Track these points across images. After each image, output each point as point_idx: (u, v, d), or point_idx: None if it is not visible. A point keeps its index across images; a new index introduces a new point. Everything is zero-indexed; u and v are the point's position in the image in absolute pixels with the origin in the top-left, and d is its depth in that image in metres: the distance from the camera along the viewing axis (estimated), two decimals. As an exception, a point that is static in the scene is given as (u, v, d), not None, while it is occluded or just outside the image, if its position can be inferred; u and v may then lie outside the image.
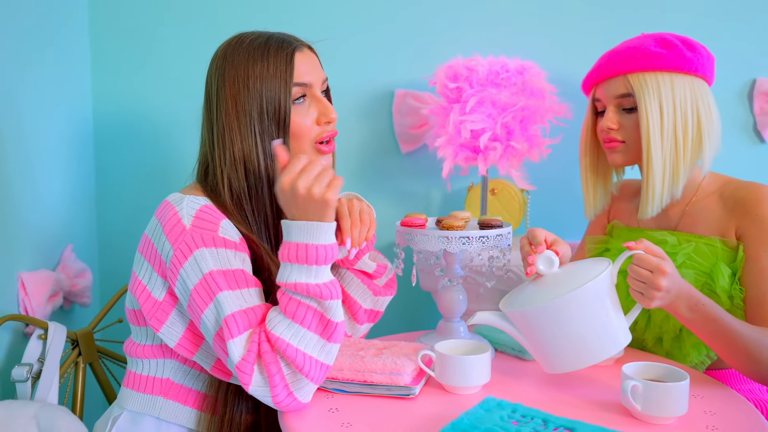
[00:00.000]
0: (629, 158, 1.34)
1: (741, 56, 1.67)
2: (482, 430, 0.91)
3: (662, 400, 0.98)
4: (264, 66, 1.09)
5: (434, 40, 1.70)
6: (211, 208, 1.08)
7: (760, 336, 1.13)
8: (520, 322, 1.10)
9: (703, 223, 1.31)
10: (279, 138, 1.10)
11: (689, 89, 1.28)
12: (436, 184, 1.75)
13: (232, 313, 1.00)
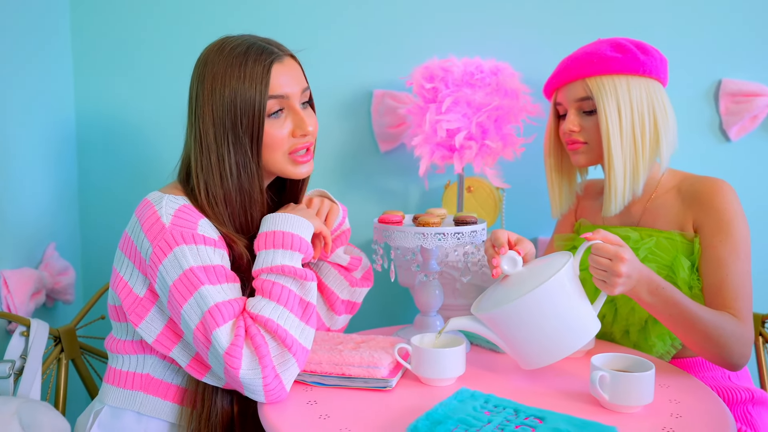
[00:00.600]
0: (591, 158, 1.37)
1: (707, 58, 1.69)
2: (456, 420, 0.93)
3: (629, 389, 1.00)
4: (240, 77, 1.08)
5: (411, 42, 1.71)
6: (189, 208, 1.08)
7: (718, 319, 1.15)
8: (492, 324, 1.11)
9: (663, 218, 1.34)
10: (254, 150, 1.11)
11: (645, 91, 1.31)
12: (414, 181, 1.76)
13: (216, 304, 1.01)
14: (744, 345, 1.17)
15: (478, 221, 1.27)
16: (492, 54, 1.63)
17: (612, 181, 1.32)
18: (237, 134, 1.09)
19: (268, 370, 1.00)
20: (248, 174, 1.11)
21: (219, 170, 1.10)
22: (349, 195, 1.77)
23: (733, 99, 1.69)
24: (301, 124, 1.13)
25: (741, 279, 1.22)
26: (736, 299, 1.21)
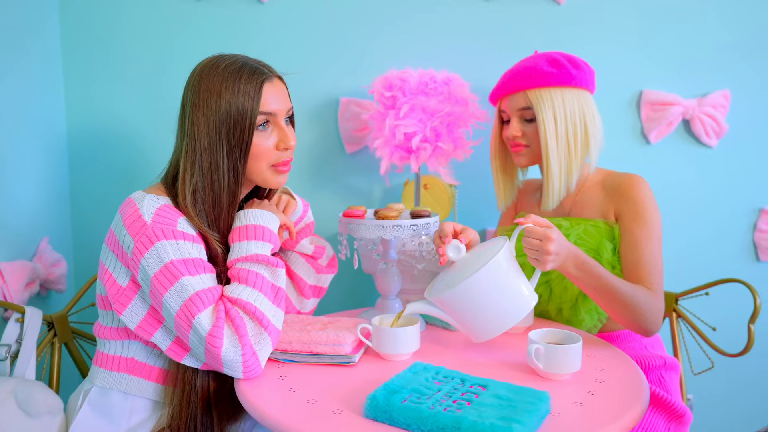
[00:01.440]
0: (531, 159, 1.39)
1: (631, 71, 1.72)
2: (410, 389, 0.94)
3: (560, 359, 1.03)
4: (235, 92, 1.08)
5: (373, 55, 1.71)
6: (170, 207, 1.08)
7: (634, 290, 1.19)
8: (443, 306, 1.12)
9: (590, 208, 1.37)
10: (242, 158, 1.11)
11: (576, 100, 1.34)
12: (377, 180, 1.76)
13: (196, 292, 1.01)
14: (656, 312, 1.21)
15: (431, 215, 1.28)
16: (444, 66, 1.64)
17: (550, 180, 1.35)
18: (229, 143, 1.09)
19: (247, 348, 1.00)
20: (236, 179, 1.11)
21: (210, 174, 1.10)
22: (318, 192, 1.77)
23: (653, 107, 1.72)
24: (285, 139, 1.14)
25: (654, 258, 1.26)
26: (650, 275, 1.25)
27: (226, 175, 1.10)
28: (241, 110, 1.08)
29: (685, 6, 1.69)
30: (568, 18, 1.70)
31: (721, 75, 1.72)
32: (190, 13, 1.69)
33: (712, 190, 1.77)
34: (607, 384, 1.02)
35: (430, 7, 1.70)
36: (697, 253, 1.78)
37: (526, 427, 0.83)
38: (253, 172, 1.14)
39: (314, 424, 0.89)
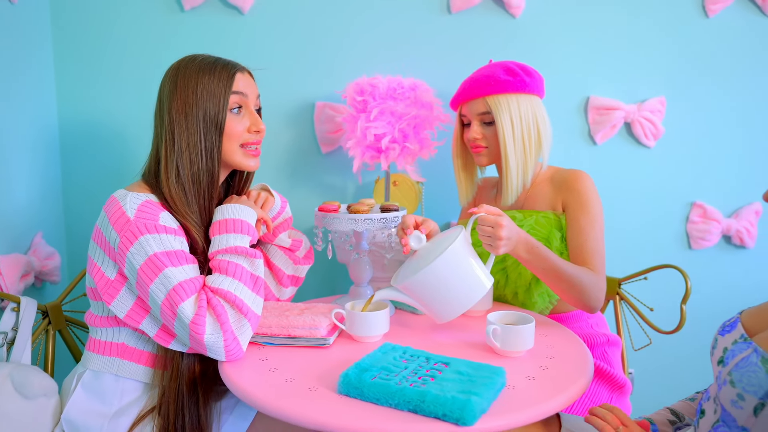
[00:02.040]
0: (491, 159, 1.41)
1: (578, 79, 1.75)
2: (379, 367, 0.95)
3: (515, 338, 1.04)
4: (210, 79, 1.10)
5: (346, 62, 1.71)
6: (152, 203, 1.07)
7: (579, 271, 1.21)
8: (408, 291, 1.12)
9: (541, 201, 1.38)
10: (217, 137, 1.11)
11: (530, 105, 1.35)
12: (350, 177, 1.76)
13: (179, 282, 1.00)
14: (599, 291, 1.23)
15: (400, 209, 1.29)
16: (411, 73, 1.64)
17: (508, 177, 1.36)
18: (206, 124, 1.09)
19: (228, 334, 1.00)
20: (212, 158, 1.11)
21: (189, 155, 1.09)
22: (296, 189, 1.76)
23: (598, 112, 1.74)
24: (256, 123, 1.15)
25: (596, 242, 1.28)
26: (593, 257, 1.27)
27: (204, 155, 1.10)
28: (216, 94, 1.10)
29: (627, 22, 1.72)
30: (523, 30, 1.72)
31: (658, 83, 1.75)
32: (178, 23, 1.67)
33: (651, 186, 1.80)
34: (556, 360, 1.05)
35: (399, 19, 1.70)
36: (637, 243, 1.82)
37: (483, 398, 0.85)
38: (226, 153, 1.14)
39: (292, 400, 0.89)
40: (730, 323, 0.90)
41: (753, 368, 0.77)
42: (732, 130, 1.78)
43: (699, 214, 1.81)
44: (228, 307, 1.02)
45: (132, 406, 1.09)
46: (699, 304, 1.81)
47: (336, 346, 1.12)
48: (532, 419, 0.87)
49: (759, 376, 0.76)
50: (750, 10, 1.72)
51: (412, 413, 0.85)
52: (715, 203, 1.81)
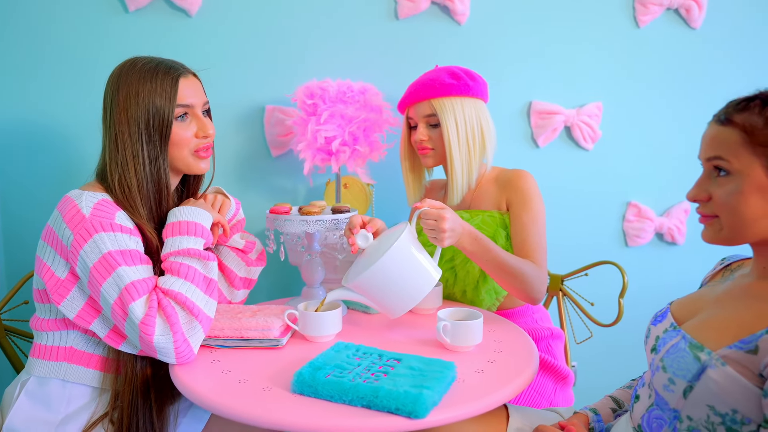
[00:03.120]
0: (437, 160, 1.43)
1: (521, 84, 1.80)
2: (332, 365, 0.95)
3: (464, 334, 1.07)
4: (152, 86, 1.07)
5: (296, 66, 1.70)
6: (108, 202, 1.04)
7: (522, 263, 1.25)
8: (359, 290, 1.13)
9: (486, 201, 1.41)
10: (162, 146, 1.09)
11: (473, 108, 1.38)
12: (301, 180, 1.76)
13: (131, 282, 0.98)
14: (540, 283, 1.26)
15: (350, 210, 1.30)
16: (360, 77, 1.65)
17: (454, 178, 1.39)
18: (150, 134, 1.07)
19: (178, 335, 0.99)
20: (157, 166, 1.09)
21: (133, 164, 1.07)
22: (247, 192, 1.74)
23: (540, 116, 1.80)
24: (204, 128, 1.13)
25: (539, 237, 1.32)
26: (535, 251, 1.31)
27: (147, 164, 1.08)
28: (159, 104, 1.07)
29: (565, 31, 1.80)
30: (468, 37, 1.76)
31: (595, 89, 1.83)
32: (122, 24, 1.63)
33: (589, 187, 1.88)
34: (503, 353, 1.08)
35: (348, 25, 1.72)
36: (578, 241, 1.89)
37: (434, 392, 0.87)
38: (176, 160, 1.13)
39: (245, 401, 0.89)
40: (661, 313, 0.95)
41: (682, 354, 0.82)
42: (663, 133, 1.88)
43: (634, 213, 1.90)
44: (178, 308, 1.00)
45: (80, 413, 1.06)
46: (635, 297, 1.90)
47: (289, 347, 1.11)
48: (481, 410, 0.89)
49: (687, 361, 0.81)
50: (677, 22, 1.83)
51: (365, 409, 0.86)
52: (649, 203, 1.91)
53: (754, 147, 0.78)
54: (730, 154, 0.80)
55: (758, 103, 0.80)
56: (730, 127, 0.81)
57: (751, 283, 0.85)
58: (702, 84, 1.85)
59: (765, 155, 0.77)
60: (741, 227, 0.80)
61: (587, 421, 1.02)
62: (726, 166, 0.81)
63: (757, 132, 0.78)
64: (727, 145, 0.81)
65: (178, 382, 0.98)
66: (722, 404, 0.77)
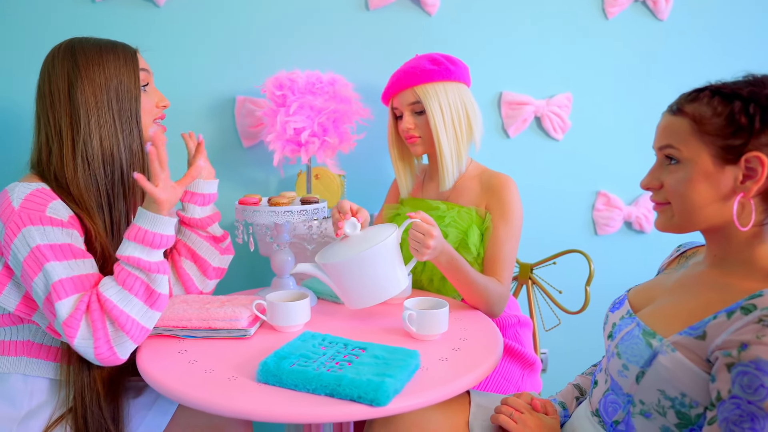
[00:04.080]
0: (426, 148, 1.43)
1: (491, 75, 1.81)
2: (298, 355, 0.96)
3: (430, 323, 1.08)
4: (116, 58, 1.09)
5: (266, 57, 1.70)
6: (42, 191, 1.02)
7: (488, 283, 1.27)
8: (331, 272, 1.15)
9: (465, 197, 1.43)
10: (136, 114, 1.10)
11: (457, 92, 1.38)
12: (273, 171, 1.75)
13: (59, 279, 0.96)
14: (502, 301, 1.30)
15: (320, 201, 1.30)
16: (331, 68, 1.65)
17: (443, 164, 1.39)
18: (119, 101, 1.08)
19: (101, 342, 0.97)
20: (130, 134, 1.09)
21: (100, 132, 1.06)
22: (219, 184, 1.73)
23: (510, 107, 1.82)
24: (161, 98, 1.19)
25: (509, 254, 1.34)
26: (503, 269, 1.33)
27: (121, 131, 1.08)
28: (126, 72, 1.09)
29: (535, 22, 1.81)
30: (438, 28, 1.77)
31: (565, 80, 1.86)
32: (87, 14, 1.60)
33: (559, 176, 1.91)
34: (468, 341, 1.10)
35: (319, 15, 1.71)
36: (548, 230, 1.92)
37: (396, 380, 0.88)
38: (143, 128, 1.14)
39: (210, 390, 0.89)
40: (619, 300, 0.98)
41: (635, 341, 0.85)
42: (632, 123, 1.91)
43: (603, 202, 1.94)
44: (107, 318, 0.97)
45: (43, 407, 1.05)
46: (604, 285, 1.93)
47: (258, 337, 1.12)
48: (443, 397, 0.91)
49: (640, 348, 0.84)
50: (644, 14, 1.86)
51: (329, 397, 0.87)
52: (618, 192, 1.94)
53: (702, 135, 0.80)
54: (680, 142, 0.82)
55: (707, 94, 0.82)
56: (680, 116, 0.83)
57: (703, 271, 0.87)
58: (669, 75, 1.89)
59: (712, 143, 0.80)
60: (690, 214, 0.83)
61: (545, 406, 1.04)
62: (676, 155, 0.83)
63: (705, 121, 0.80)
64: (678, 134, 0.83)
65: (143, 371, 0.98)
66: (672, 388, 0.79)
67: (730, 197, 0.80)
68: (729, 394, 0.71)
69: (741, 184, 0.79)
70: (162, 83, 1.64)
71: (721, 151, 0.79)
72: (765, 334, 0.69)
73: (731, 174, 0.79)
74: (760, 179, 0.77)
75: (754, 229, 0.81)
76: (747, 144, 0.77)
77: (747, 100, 0.78)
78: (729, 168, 0.79)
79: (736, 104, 0.78)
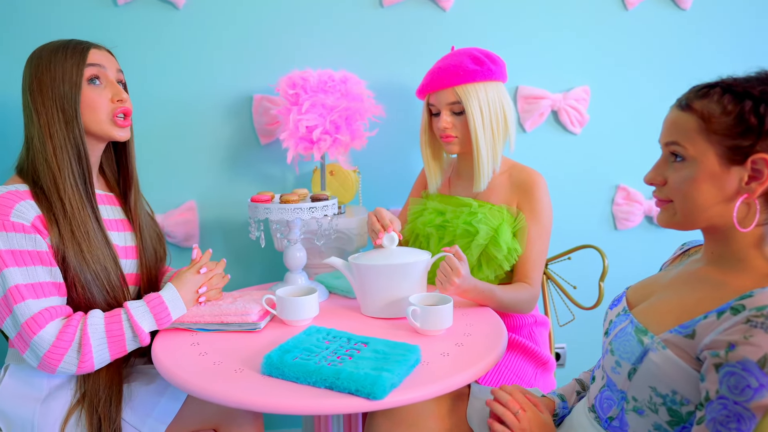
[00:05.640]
0: (462, 148, 1.43)
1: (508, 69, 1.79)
2: (301, 348, 1.00)
3: (434, 318, 1.10)
4: (63, 56, 1.11)
5: (282, 56, 1.72)
6: (12, 193, 1.06)
7: (517, 296, 1.32)
8: (359, 272, 1.22)
9: (496, 195, 1.43)
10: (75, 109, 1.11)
11: (496, 92, 1.38)
12: (289, 168, 1.79)
13: (15, 285, 1.01)
14: (532, 302, 1.35)
15: (330, 198, 1.33)
16: (344, 66, 1.68)
17: (480, 163, 1.39)
18: (61, 97, 1.10)
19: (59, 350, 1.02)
20: (72, 130, 1.10)
21: (49, 128, 1.09)
22: (237, 180, 1.78)
23: (527, 101, 1.81)
24: (118, 92, 1.16)
25: (540, 255, 1.37)
26: (533, 270, 1.36)
27: (63, 128, 1.10)
28: (69, 68, 1.10)
29: (551, 14, 1.80)
30: (453, 23, 1.77)
31: (582, 73, 1.84)
32: (111, 17, 1.66)
33: (578, 171, 1.89)
34: (472, 337, 1.12)
35: (336, 13, 1.73)
36: (566, 225, 1.90)
37: (394, 374, 0.91)
38: (92, 124, 1.13)
39: (216, 382, 0.94)
40: (618, 298, 0.98)
41: (628, 338, 0.86)
42: (652, 116, 1.87)
43: (623, 196, 1.91)
44: (75, 342, 1.03)
45: (62, 389, 1.11)
46: (624, 280, 1.89)
47: (267, 331, 1.17)
48: (441, 392, 0.93)
49: (632, 345, 0.84)
50: (666, 3, 1.82)
51: (328, 390, 0.91)
52: (638, 186, 1.91)
53: (709, 135, 0.79)
54: (687, 140, 0.81)
55: (718, 91, 0.80)
56: (688, 113, 0.82)
57: (699, 268, 0.87)
58: (690, 66, 1.84)
59: (719, 143, 0.78)
60: (693, 213, 0.82)
61: (554, 406, 1.06)
62: (682, 152, 0.82)
63: (713, 120, 0.79)
64: (684, 131, 0.82)
65: (157, 361, 1.03)
66: (663, 386, 0.80)
67: (734, 198, 0.78)
68: (717, 395, 0.72)
69: (745, 185, 0.77)
70: (181, 83, 1.71)
71: (728, 151, 0.77)
72: (752, 334, 0.69)
73: (736, 175, 0.78)
74: (766, 181, 0.76)
75: (756, 231, 0.80)
76: (755, 145, 0.76)
77: (758, 99, 0.76)
78: (735, 169, 0.78)
79: (747, 104, 0.76)
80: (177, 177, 1.75)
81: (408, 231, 1.52)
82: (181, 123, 1.73)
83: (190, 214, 1.75)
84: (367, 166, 1.77)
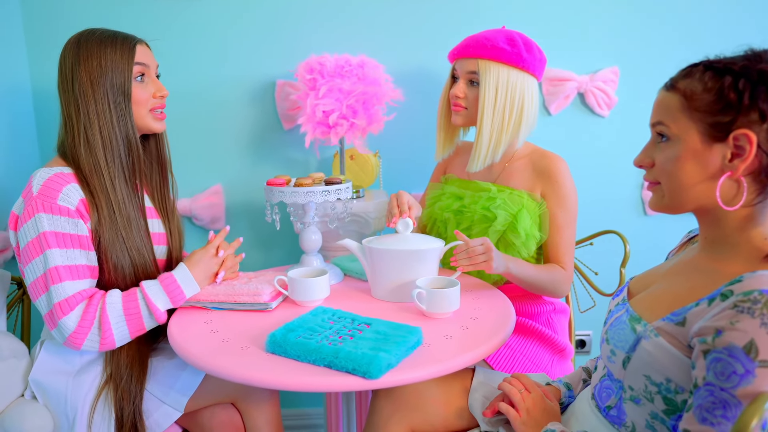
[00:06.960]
0: (467, 121, 1.41)
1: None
2: (305, 328, 1.03)
3: (440, 301, 1.12)
4: (113, 51, 1.16)
5: (303, 41, 1.75)
6: (59, 176, 1.12)
7: (549, 275, 1.32)
8: (370, 253, 1.24)
9: (516, 179, 1.41)
10: (127, 105, 1.18)
11: (519, 81, 1.34)
12: (311, 152, 1.82)
13: (56, 266, 1.08)
14: (566, 285, 1.35)
15: (344, 182, 1.36)
16: (363, 50, 1.69)
17: (479, 145, 1.37)
18: (113, 92, 1.16)
19: (83, 329, 1.09)
20: (125, 123, 1.18)
21: (98, 121, 1.15)
22: (261, 164, 1.83)
23: (551, 83, 1.78)
24: (160, 88, 1.24)
25: (570, 240, 1.36)
26: (565, 255, 1.36)
27: (115, 121, 1.16)
28: (119, 64, 1.16)
29: (579, -8, 1.75)
30: (476, 6, 1.75)
31: (611, 54, 1.79)
32: (128, 5, 1.72)
33: (605, 154, 1.85)
34: (479, 320, 1.12)
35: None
36: (594, 209, 1.87)
37: (392, 354, 0.93)
38: (137, 118, 1.21)
39: (222, 357, 0.98)
40: (620, 288, 0.97)
41: (622, 326, 0.85)
42: (685, 98, 1.81)
43: (654, 181, 1.86)
44: (96, 320, 1.09)
45: (93, 364, 1.19)
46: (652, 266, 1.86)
47: (279, 311, 1.20)
48: (439, 373, 0.94)
49: (626, 333, 0.84)
50: (702, -22, 1.74)
51: (327, 368, 0.94)
52: (669, 170, 1.85)
53: (691, 112, 0.78)
54: (670, 119, 0.80)
55: (700, 69, 0.79)
56: (673, 92, 0.81)
57: (694, 256, 0.85)
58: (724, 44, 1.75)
59: (701, 120, 0.77)
60: (678, 193, 0.81)
61: (560, 394, 1.06)
62: (666, 132, 0.81)
63: (695, 97, 0.77)
64: (668, 111, 0.81)
65: (171, 337, 1.09)
66: (657, 374, 0.79)
67: (718, 176, 0.77)
68: (704, 381, 0.71)
69: (729, 163, 0.76)
70: (204, 70, 1.76)
71: (709, 128, 0.76)
72: (739, 320, 0.68)
73: (719, 152, 0.76)
74: (748, 158, 0.74)
75: (746, 211, 0.78)
76: (735, 121, 0.74)
77: (738, 74, 0.74)
78: (717, 146, 0.76)
79: (726, 79, 0.75)
80: (203, 161, 1.81)
81: (426, 216, 1.52)
82: (207, 109, 1.78)
83: (217, 198, 1.81)
84: (390, 150, 1.78)
